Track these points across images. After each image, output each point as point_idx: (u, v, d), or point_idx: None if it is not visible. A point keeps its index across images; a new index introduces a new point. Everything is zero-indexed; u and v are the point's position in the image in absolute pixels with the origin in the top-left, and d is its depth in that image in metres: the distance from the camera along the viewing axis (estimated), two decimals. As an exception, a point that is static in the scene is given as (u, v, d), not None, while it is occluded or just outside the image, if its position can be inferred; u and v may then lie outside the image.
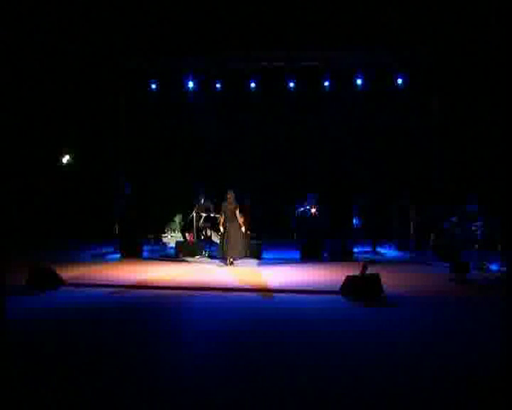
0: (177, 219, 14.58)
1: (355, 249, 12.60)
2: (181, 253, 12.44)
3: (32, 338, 5.62)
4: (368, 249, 13.40)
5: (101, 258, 12.45)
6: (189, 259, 12.23)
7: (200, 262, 11.95)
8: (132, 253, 12.39)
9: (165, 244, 14.27)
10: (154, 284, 8.81)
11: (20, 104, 13.95)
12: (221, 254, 11.61)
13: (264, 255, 12.49)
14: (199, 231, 13.36)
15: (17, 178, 13.94)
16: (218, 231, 11.96)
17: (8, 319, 5.96)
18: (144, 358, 4.98)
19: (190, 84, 15.71)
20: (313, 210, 12.81)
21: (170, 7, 13.61)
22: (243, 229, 11.55)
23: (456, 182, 14.23)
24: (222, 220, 11.59)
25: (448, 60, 14.46)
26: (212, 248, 12.63)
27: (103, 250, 13.35)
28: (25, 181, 14.37)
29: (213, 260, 11.99)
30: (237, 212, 11.52)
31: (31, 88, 14.27)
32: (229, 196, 11.51)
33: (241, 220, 11.50)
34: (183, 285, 8.69)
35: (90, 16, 13.46)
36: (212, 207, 13.33)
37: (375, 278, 7.59)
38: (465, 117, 14.50)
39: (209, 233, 13.18)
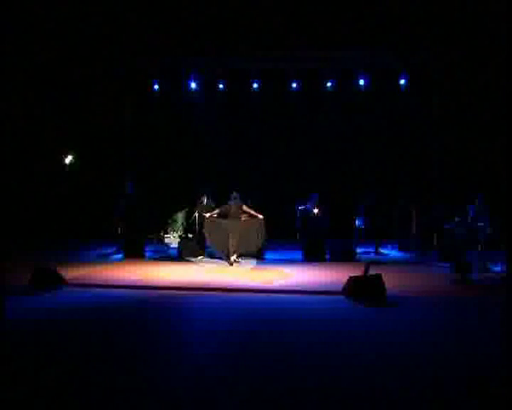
0: (180, 219, 14.57)
1: (358, 250, 12.58)
2: (183, 253, 12.42)
3: (31, 338, 5.63)
4: (370, 250, 13.37)
5: (103, 258, 12.44)
6: (191, 259, 12.22)
7: (202, 262, 11.94)
8: (134, 253, 12.36)
9: (167, 245, 14.25)
10: (155, 285, 8.81)
11: (22, 104, 13.98)
12: (220, 254, 11.62)
13: (267, 256, 12.48)
14: (201, 230, 13.34)
15: (19, 178, 13.96)
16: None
17: (9, 318, 5.99)
18: (144, 358, 4.98)
19: (193, 85, 15.73)
20: (316, 210, 12.79)
21: (173, 7, 13.62)
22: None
23: (458, 182, 14.22)
24: (215, 213, 11.74)
25: (449, 60, 14.44)
26: (214, 249, 12.59)
27: (106, 251, 13.35)
28: (27, 181, 14.39)
29: (215, 261, 11.99)
30: (244, 207, 11.64)
31: (33, 89, 14.30)
32: (234, 196, 11.60)
33: (256, 213, 11.61)
34: (185, 285, 8.68)
35: (92, 16, 13.48)
36: (214, 207, 13.32)
37: (378, 279, 7.58)
38: (466, 117, 14.48)
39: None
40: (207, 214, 11.88)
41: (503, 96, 10.81)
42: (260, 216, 11.62)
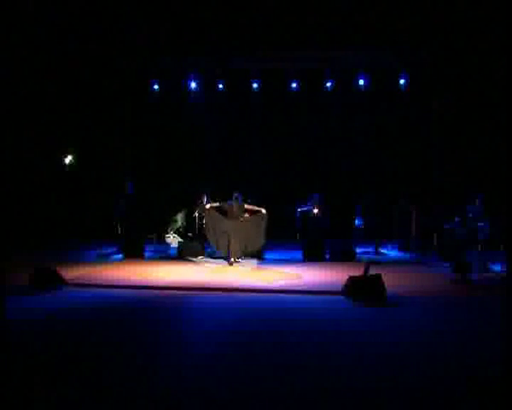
0: (180, 219, 14.57)
1: (357, 250, 12.60)
2: (183, 253, 12.42)
3: (31, 338, 5.63)
4: (370, 250, 13.38)
5: (103, 258, 12.44)
6: (191, 259, 12.22)
7: (202, 262, 11.94)
8: (134, 253, 12.36)
9: (168, 244, 14.27)
10: (155, 285, 8.81)
11: (22, 104, 13.97)
12: (223, 253, 11.65)
13: (267, 256, 12.48)
14: (201, 230, 13.35)
15: (19, 178, 13.95)
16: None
17: (9, 318, 5.98)
18: (144, 358, 4.98)
19: (193, 85, 15.73)
20: (316, 210, 12.79)
21: (173, 7, 13.61)
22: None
23: (458, 182, 14.22)
24: (215, 205, 11.83)
25: (450, 60, 14.45)
26: (214, 249, 12.60)
27: (106, 251, 13.34)
28: (27, 181, 14.39)
29: (215, 261, 11.99)
30: (246, 206, 11.70)
31: (33, 89, 14.29)
32: (236, 196, 11.62)
33: (259, 208, 11.63)
34: (184, 285, 8.69)
35: (92, 16, 13.48)
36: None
37: (378, 279, 7.58)
38: (466, 117, 14.50)
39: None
40: (208, 205, 11.91)
41: (503, 96, 10.82)
42: (263, 210, 11.62)
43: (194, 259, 12.23)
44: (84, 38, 14.01)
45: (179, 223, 14.54)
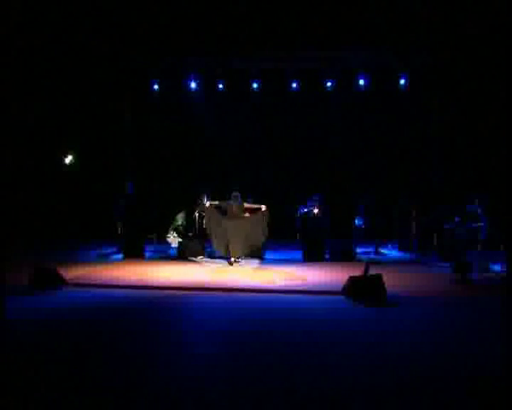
0: (180, 219, 14.57)
1: (358, 250, 12.60)
2: (183, 253, 12.42)
3: (32, 338, 5.63)
4: (370, 250, 13.38)
5: (103, 258, 12.44)
6: (191, 259, 12.21)
7: (202, 262, 11.94)
8: (134, 253, 12.37)
9: (168, 244, 14.27)
10: (155, 285, 8.81)
11: (22, 104, 13.97)
12: (223, 253, 11.63)
13: (267, 256, 12.48)
14: (201, 230, 13.35)
15: (19, 178, 13.95)
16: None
17: (9, 318, 5.98)
18: (144, 358, 4.98)
19: (193, 85, 15.72)
20: (316, 210, 12.78)
21: (173, 7, 13.61)
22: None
23: (458, 182, 14.23)
24: (215, 204, 11.85)
25: (450, 60, 14.44)
26: (214, 248, 12.58)
27: (106, 251, 13.35)
28: (27, 181, 14.38)
29: (215, 260, 11.99)
30: (246, 205, 11.69)
31: (33, 88, 14.29)
32: (235, 195, 11.60)
33: (259, 206, 11.62)
34: (184, 285, 8.69)
35: (92, 16, 13.47)
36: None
37: (378, 279, 7.58)
38: (466, 117, 14.50)
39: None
40: (207, 203, 11.92)
41: (503, 96, 10.83)
42: (263, 207, 11.59)
43: (195, 259, 12.23)
44: (85, 38, 14.00)
45: (179, 223, 14.53)
